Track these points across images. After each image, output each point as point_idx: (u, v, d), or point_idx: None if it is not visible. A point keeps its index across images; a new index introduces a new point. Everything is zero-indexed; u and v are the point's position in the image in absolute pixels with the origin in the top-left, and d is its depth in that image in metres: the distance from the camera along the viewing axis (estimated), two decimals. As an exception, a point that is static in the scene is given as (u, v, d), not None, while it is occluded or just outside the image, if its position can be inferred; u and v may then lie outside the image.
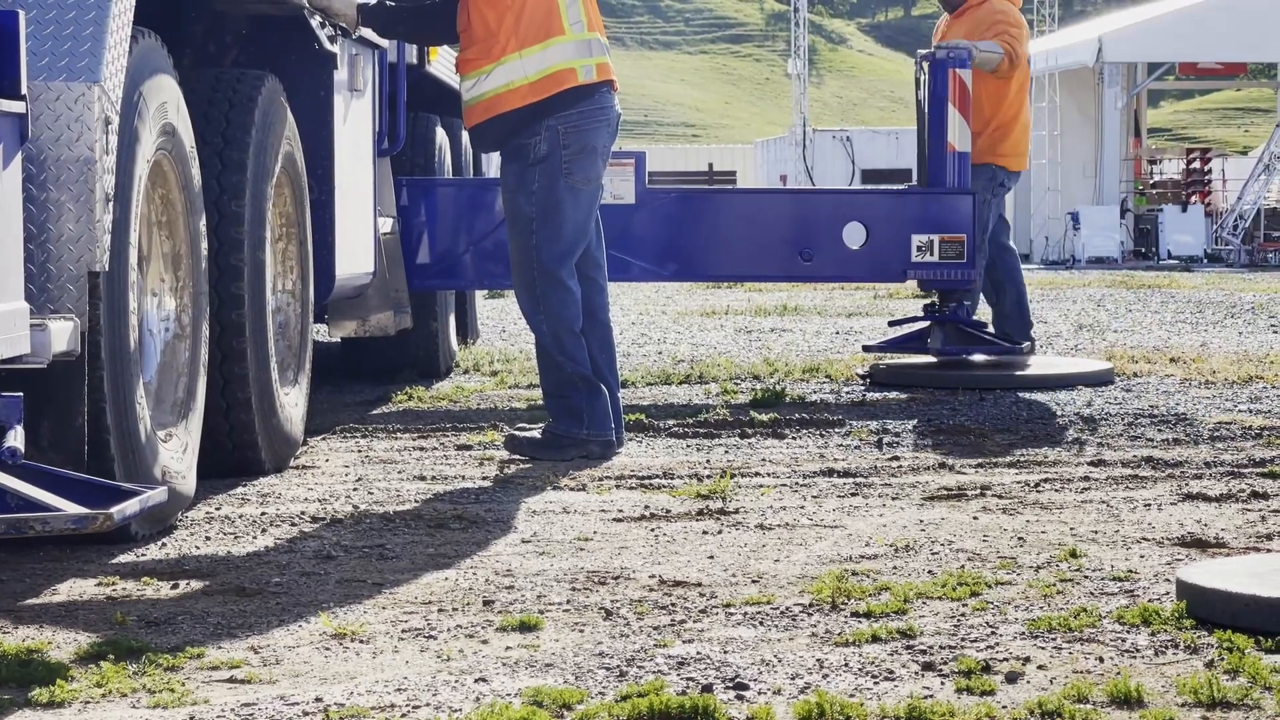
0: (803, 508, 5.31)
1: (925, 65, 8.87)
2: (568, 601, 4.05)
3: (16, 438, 3.78)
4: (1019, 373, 8.78)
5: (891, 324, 9.72)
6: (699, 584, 4.24)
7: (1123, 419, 7.36)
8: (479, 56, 6.31)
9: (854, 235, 8.78)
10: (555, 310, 6.37)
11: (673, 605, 4.01)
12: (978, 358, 9.03)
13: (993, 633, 3.72)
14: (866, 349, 9.32)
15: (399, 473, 6.02)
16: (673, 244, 8.73)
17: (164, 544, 4.73)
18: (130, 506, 3.80)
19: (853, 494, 5.56)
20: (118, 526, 3.86)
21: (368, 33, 6.79)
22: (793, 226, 8.79)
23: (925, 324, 9.03)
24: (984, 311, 9.39)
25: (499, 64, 6.28)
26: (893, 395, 8.25)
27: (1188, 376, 8.88)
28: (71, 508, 3.71)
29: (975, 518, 5.13)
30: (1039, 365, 9.09)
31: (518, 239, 6.40)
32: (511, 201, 6.41)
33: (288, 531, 4.92)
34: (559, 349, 6.37)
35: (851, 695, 3.26)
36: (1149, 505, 5.32)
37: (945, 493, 5.57)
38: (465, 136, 10.08)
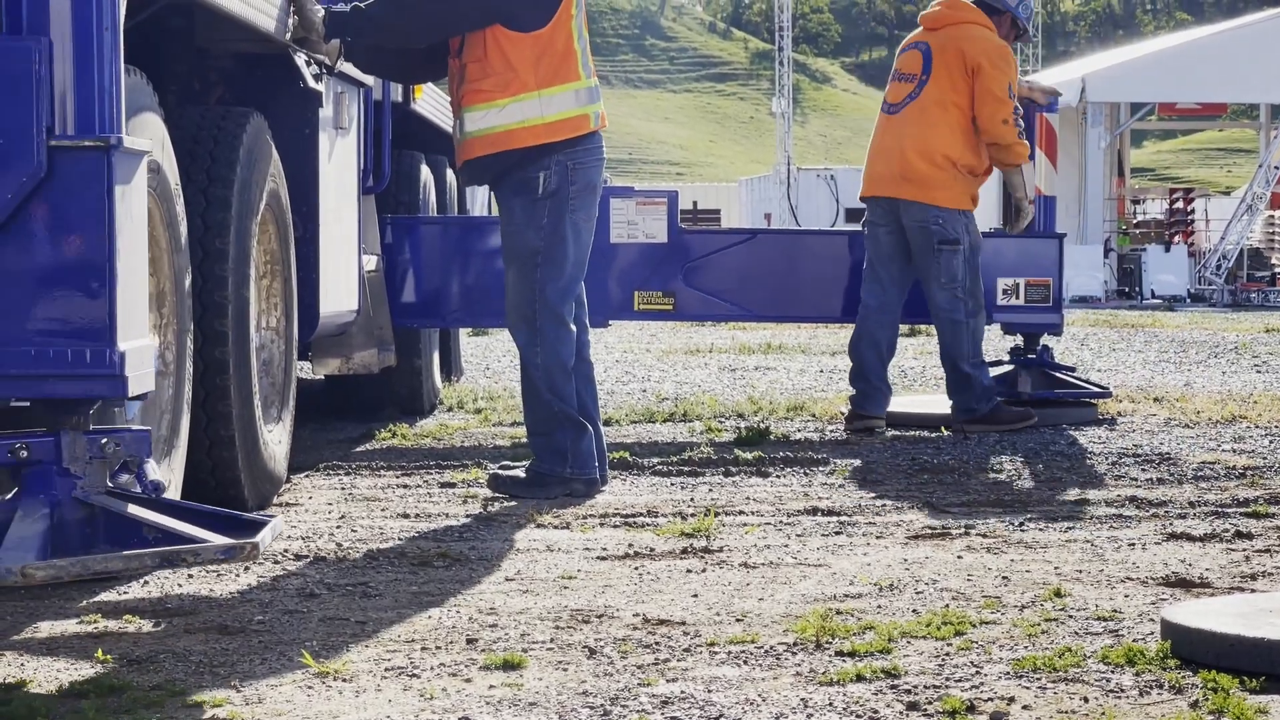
0: (787, 546, 5.30)
1: None
2: (551, 640, 4.04)
3: (156, 471, 3.78)
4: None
5: None
6: (683, 623, 4.23)
7: (1107, 458, 7.36)
8: (495, 89, 6.27)
9: None
10: (552, 346, 6.36)
11: (656, 644, 4.00)
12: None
13: (977, 672, 3.72)
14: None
15: (382, 510, 6.01)
16: (765, 284, 8.74)
17: (146, 581, 4.71)
18: (266, 536, 3.81)
19: (837, 533, 5.56)
20: (261, 556, 3.85)
21: (348, 68, 6.78)
22: None
23: (1009, 368, 9.02)
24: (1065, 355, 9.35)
25: (515, 100, 6.26)
26: (876, 433, 8.25)
27: (1171, 416, 8.89)
28: (217, 539, 3.71)
29: (959, 557, 5.13)
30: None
31: (521, 271, 6.37)
32: (518, 235, 6.37)
33: (270, 569, 4.90)
34: (549, 386, 6.36)
35: (836, 735, 3.25)
36: (1133, 545, 5.32)
37: (929, 532, 5.57)
38: (450, 174, 10.10)
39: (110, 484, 3.78)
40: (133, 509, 3.72)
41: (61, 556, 3.60)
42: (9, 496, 3.74)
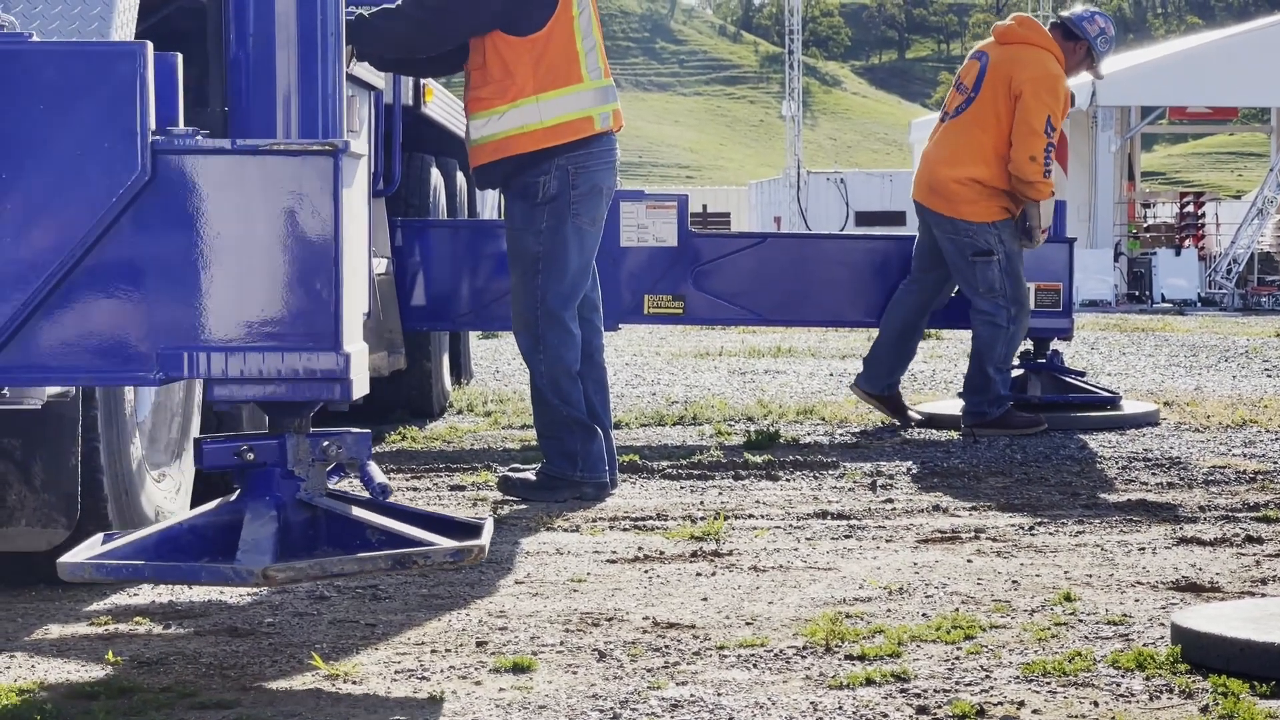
0: (796, 550, 5.31)
1: None
2: (561, 643, 4.05)
3: (380, 473, 3.78)
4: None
5: None
6: (692, 626, 4.23)
7: (1116, 462, 7.36)
8: (494, 96, 6.27)
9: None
10: (554, 351, 6.35)
11: (666, 647, 4.00)
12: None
13: (987, 676, 3.72)
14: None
15: (392, 513, 6.01)
16: (775, 287, 8.75)
17: (155, 584, 4.71)
18: (486, 539, 3.81)
19: (846, 536, 5.56)
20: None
21: (359, 71, 6.78)
22: (886, 272, 8.80)
23: (1020, 372, 9.01)
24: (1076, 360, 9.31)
25: (514, 106, 6.25)
26: (886, 437, 8.25)
27: (1182, 420, 8.89)
28: (444, 541, 3.72)
29: (969, 560, 5.12)
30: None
31: (522, 277, 6.37)
32: (518, 240, 6.38)
33: (281, 572, 4.90)
34: (555, 391, 6.36)
35: (845, 739, 3.25)
36: (1143, 549, 5.32)
37: (939, 535, 5.57)
38: (460, 177, 10.10)
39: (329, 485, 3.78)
40: (357, 511, 3.72)
41: (290, 559, 3.60)
42: (233, 498, 3.74)
